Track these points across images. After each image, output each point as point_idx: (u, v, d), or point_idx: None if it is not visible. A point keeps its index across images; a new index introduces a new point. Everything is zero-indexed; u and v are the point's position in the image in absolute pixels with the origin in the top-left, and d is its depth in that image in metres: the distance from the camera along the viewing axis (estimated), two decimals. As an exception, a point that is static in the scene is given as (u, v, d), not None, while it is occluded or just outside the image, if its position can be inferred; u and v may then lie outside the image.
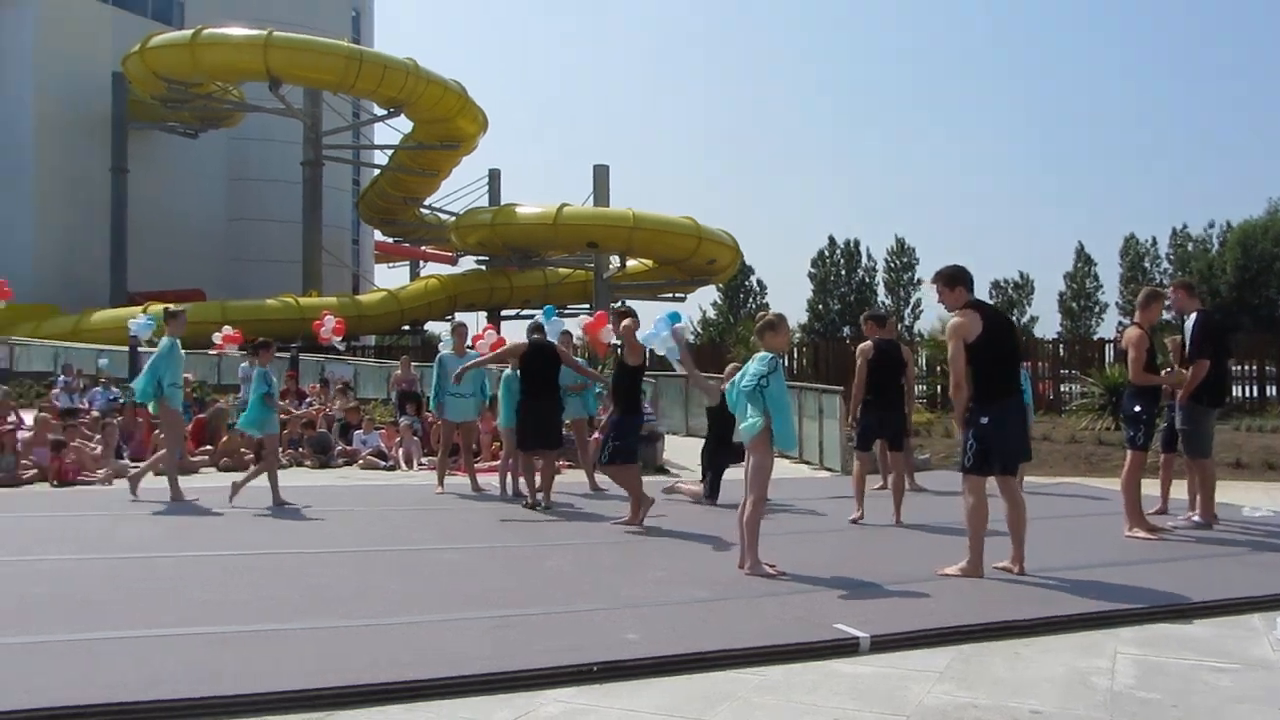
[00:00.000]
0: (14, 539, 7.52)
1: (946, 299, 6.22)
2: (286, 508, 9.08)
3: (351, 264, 45.73)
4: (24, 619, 4.90)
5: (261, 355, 10.17)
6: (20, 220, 36.61)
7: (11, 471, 11.24)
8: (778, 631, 4.73)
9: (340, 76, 33.71)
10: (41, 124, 36.53)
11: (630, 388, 8.49)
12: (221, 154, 41.98)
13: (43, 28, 36.60)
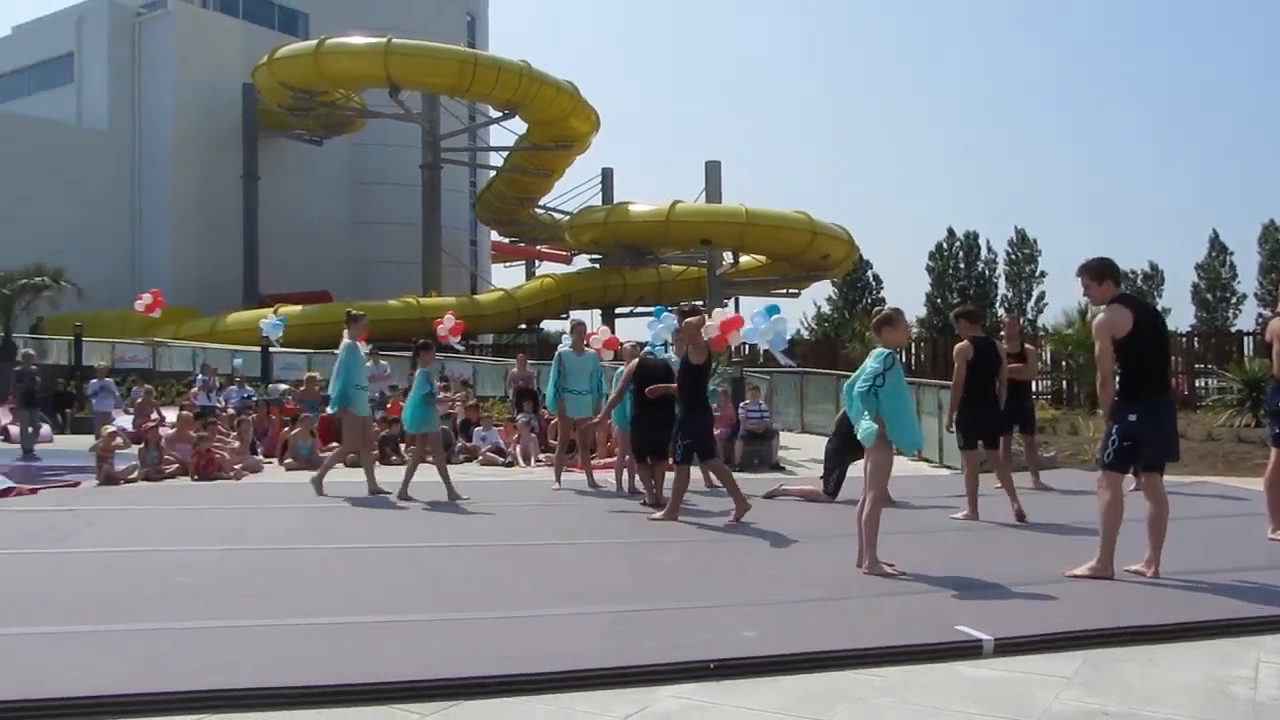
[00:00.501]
0: (159, 530, 7.94)
1: (1093, 293, 5.96)
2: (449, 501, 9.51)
3: (469, 264, 46.70)
4: (168, 606, 5.17)
5: (422, 356, 10.60)
6: (161, 228, 38.61)
7: (155, 466, 11.86)
8: (897, 632, 4.66)
9: (456, 80, 34.47)
10: (179, 136, 38.40)
11: (695, 386, 8.45)
12: (345, 159, 43.37)
13: (180, 45, 38.44)
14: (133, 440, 13.80)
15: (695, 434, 8.28)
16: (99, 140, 38.43)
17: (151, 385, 19.94)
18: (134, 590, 5.55)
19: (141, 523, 8.38)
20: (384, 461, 13.82)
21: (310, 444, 13.51)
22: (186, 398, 18.18)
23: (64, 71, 40.29)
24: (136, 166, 39.08)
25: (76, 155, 37.38)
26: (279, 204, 39.72)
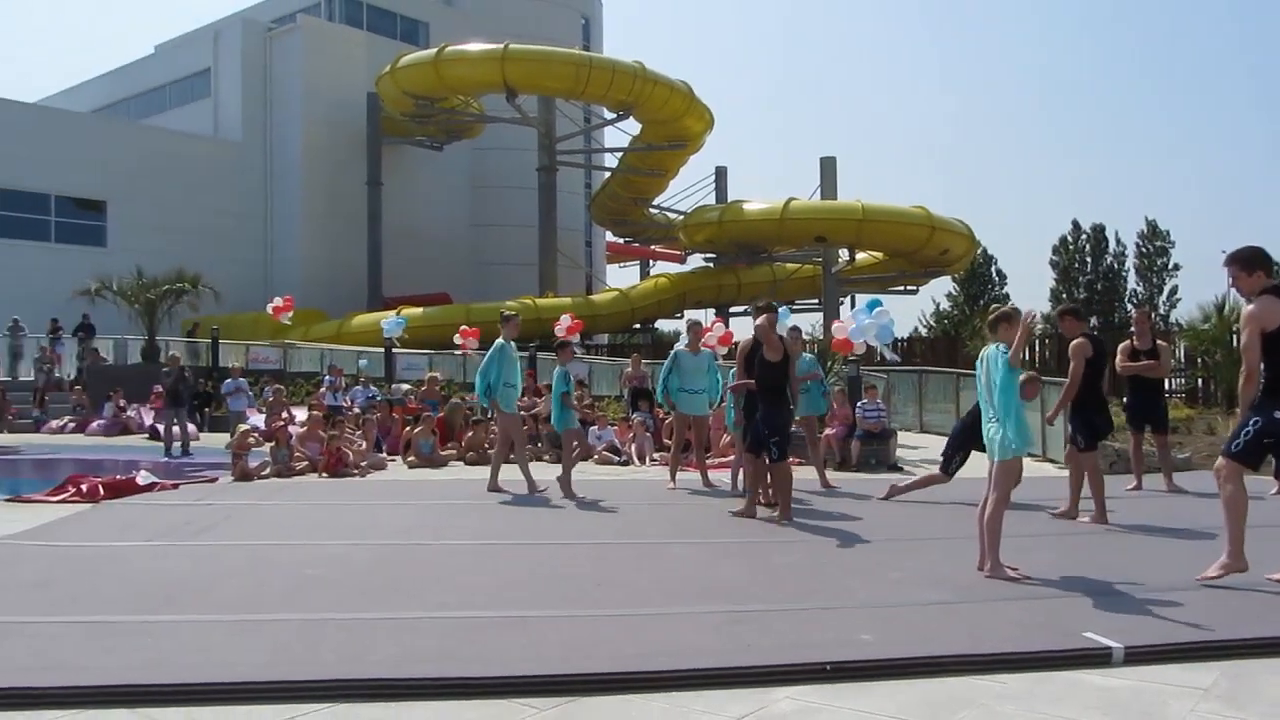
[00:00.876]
0: (290, 525, 8.28)
1: (1243, 284, 5.65)
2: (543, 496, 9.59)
3: (585, 265, 47.21)
4: (300, 598, 5.39)
5: (561, 355, 10.84)
6: (291, 233, 40.18)
7: (286, 463, 12.35)
8: (1020, 638, 4.55)
9: (571, 83, 34.92)
10: (308, 145, 39.89)
11: (773, 383, 8.47)
12: (464, 164, 44.35)
13: (308, 57, 39.92)
14: (264, 439, 14.40)
15: (781, 430, 8.34)
16: (234, 151, 40.21)
17: (282, 385, 20.74)
18: (268, 582, 5.81)
19: (274, 517, 8.75)
20: (502, 460, 14.09)
21: (431, 442, 13.86)
22: (315, 398, 18.85)
23: (202, 86, 42.30)
24: (269, 175, 40.76)
25: (213, 166, 39.21)
26: (401, 209, 40.88)
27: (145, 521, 8.22)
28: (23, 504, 9.60)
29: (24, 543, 7.17)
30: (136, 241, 34.51)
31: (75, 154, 35.94)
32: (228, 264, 35.06)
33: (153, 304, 25.24)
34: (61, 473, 12.07)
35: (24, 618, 4.87)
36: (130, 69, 46.01)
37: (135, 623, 4.79)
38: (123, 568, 6.28)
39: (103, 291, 25.06)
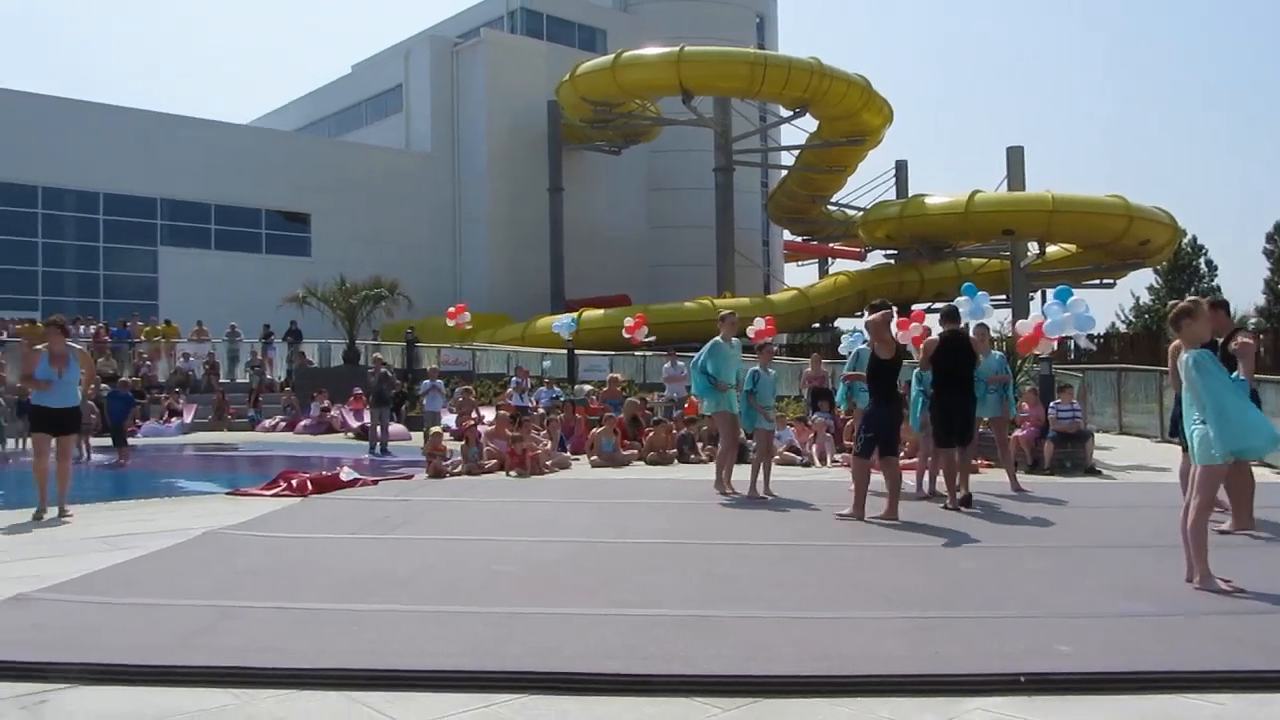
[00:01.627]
0: (481, 521, 8.59)
1: None
2: (754, 498, 9.69)
3: (762, 264, 46.99)
4: (492, 591, 5.59)
5: (761, 356, 10.94)
6: (477, 240, 41.74)
7: (476, 461, 12.83)
8: (1235, 656, 4.25)
9: (746, 83, 34.83)
10: (492, 154, 41.34)
11: (882, 381, 8.54)
12: (642, 167, 44.94)
13: (491, 69, 41.38)
14: (455, 438, 15.01)
15: (878, 428, 8.37)
16: (424, 163, 42.10)
17: (471, 387, 21.55)
18: (462, 576, 6.05)
19: (466, 514, 9.10)
20: (682, 460, 14.20)
21: (614, 442, 14.11)
22: (502, 398, 19.50)
23: (394, 102, 44.49)
24: (456, 184, 42.46)
25: (406, 178, 41.20)
26: (581, 213, 41.80)
27: (348, 516, 8.71)
28: (241, 497, 10.34)
29: (241, 533, 7.72)
30: (337, 251, 36.65)
31: (282, 171, 38.46)
32: (419, 270, 36.74)
33: (353, 310, 26.72)
34: (274, 469, 12.93)
35: (241, 602, 5.24)
36: (329, 89, 48.89)
37: (340, 610, 5.08)
38: (328, 558, 6.67)
39: (308, 299, 26.72)
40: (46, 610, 5.07)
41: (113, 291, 35.83)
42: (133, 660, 4.16)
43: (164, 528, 8.03)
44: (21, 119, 33.28)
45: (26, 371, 8.35)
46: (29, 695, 3.83)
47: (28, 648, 4.33)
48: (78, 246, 35.74)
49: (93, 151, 34.56)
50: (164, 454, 18.52)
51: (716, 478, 10.29)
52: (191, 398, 25.28)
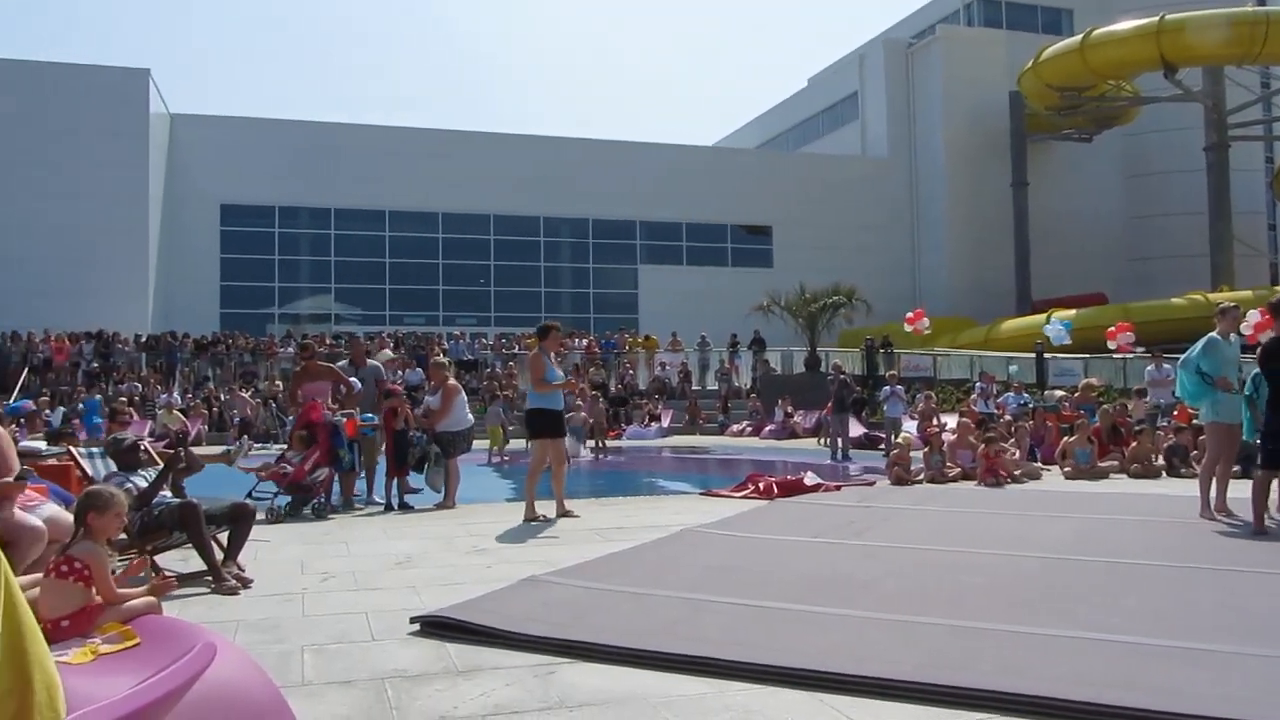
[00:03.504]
0: (945, 531, 8.39)
1: None
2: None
3: (1267, 252, 41.14)
4: (958, 604, 5.44)
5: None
6: (935, 242, 40.84)
7: (939, 469, 12.55)
8: None
9: (1243, 46, 30.75)
10: (950, 152, 40.27)
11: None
12: (1116, 153, 41.35)
13: (947, 65, 40.35)
14: (920, 444, 14.78)
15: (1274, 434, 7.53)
16: (880, 168, 42.05)
17: (932, 392, 21.13)
18: (925, 585, 5.96)
19: (929, 522, 8.94)
20: (1170, 473, 12.88)
21: (1089, 451, 13.12)
22: (966, 404, 18.90)
23: (850, 110, 44.94)
24: (913, 186, 41.92)
25: (861, 184, 41.41)
26: (1047, 207, 39.36)
27: (812, 519, 8.92)
28: (712, 497, 11.00)
29: (713, 531, 8.21)
30: (797, 260, 37.76)
31: (744, 187, 40.38)
32: (876, 276, 36.72)
33: (814, 317, 27.33)
34: (742, 471, 13.60)
35: (713, 596, 5.58)
36: (785, 105, 50.50)
37: (803, 611, 5.22)
38: (792, 560, 6.89)
39: (771, 308, 27.76)
40: (551, 592, 5.76)
41: (600, 307, 39.79)
42: (623, 643, 4.60)
43: (646, 523, 8.77)
44: (535, 158, 38.20)
45: (538, 375, 9.40)
46: (540, 666, 4.38)
47: (538, 624, 4.95)
48: (572, 269, 40.22)
49: (585, 181, 38.72)
50: (645, 455, 20.17)
51: (1201, 498, 9.09)
52: (668, 404, 27.31)
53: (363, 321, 37.00)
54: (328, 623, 5.24)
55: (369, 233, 38.27)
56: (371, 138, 37.77)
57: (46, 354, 27.91)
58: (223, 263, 36.73)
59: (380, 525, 9.20)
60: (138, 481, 6.49)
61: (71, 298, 31.09)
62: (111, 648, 3.54)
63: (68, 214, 31.85)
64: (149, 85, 33.82)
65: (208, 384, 27.60)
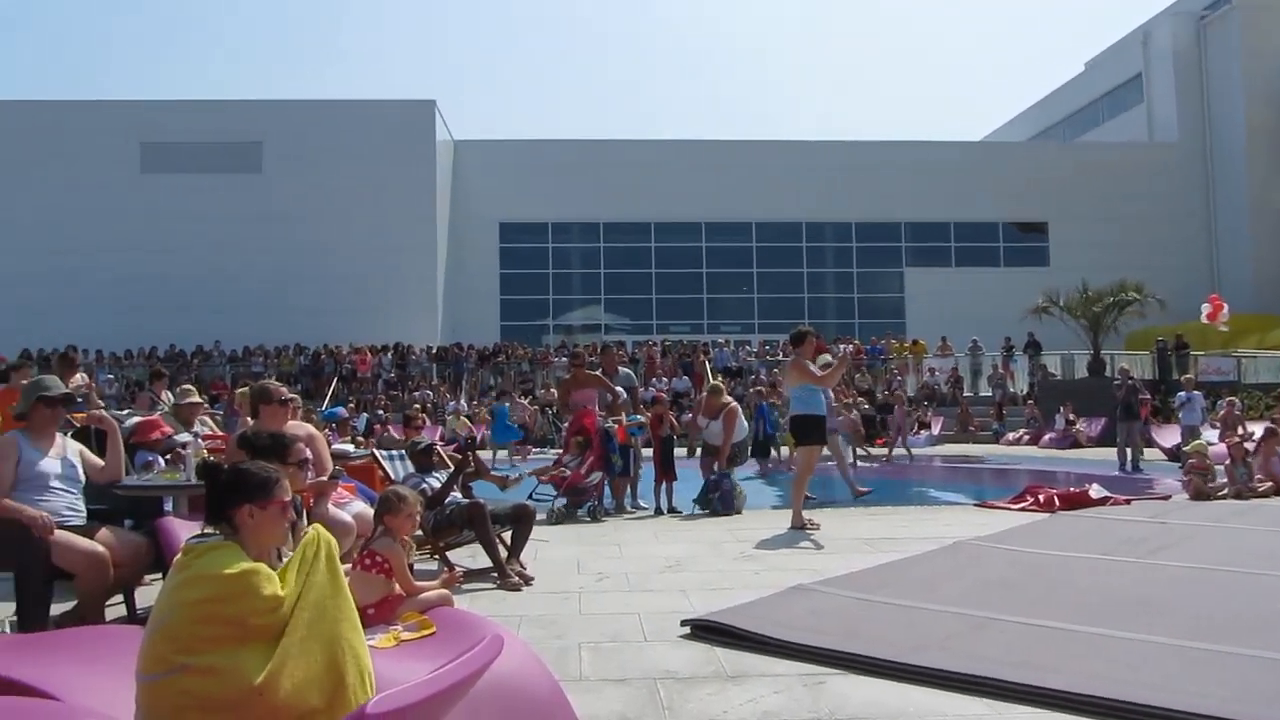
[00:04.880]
0: (1254, 551, 7.61)
1: None
2: None
3: None
4: (1270, 633, 4.93)
5: None
6: (1237, 231, 37.20)
7: (1245, 483, 11.42)
8: None
9: None
10: (1252, 131, 36.57)
11: None
12: None
13: (1246, 35, 36.76)
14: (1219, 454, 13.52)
15: None
16: (1169, 153, 38.81)
17: (1236, 398, 19.27)
18: (1231, 611, 5.44)
19: (1234, 541, 8.14)
20: None
21: None
22: (1277, 411, 17.11)
23: (1133, 94, 41.74)
24: (1209, 172, 38.42)
25: (1147, 172, 38.34)
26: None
27: (1098, 535, 8.36)
28: (987, 509, 10.53)
29: (989, 545, 7.86)
30: (1076, 257, 35.49)
31: (1017, 182, 38.44)
32: (1166, 272, 33.86)
33: (1097, 317, 25.55)
34: (1019, 482, 12.94)
35: (991, 613, 5.34)
36: (1060, 93, 47.56)
37: (1091, 634, 4.90)
38: (1077, 577, 6.48)
39: (1049, 309, 26.20)
40: (820, 601, 5.71)
41: (865, 312, 39.07)
42: (895, 656, 4.50)
43: (918, 534, 8.53)
44: (795, 163, 38.18)
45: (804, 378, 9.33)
46: (809, 675, 4.36)
47: (807, 632, 4.93)
48: (835, 273, 39.75)
49: (847, 184, 38.22)
50: (915, 464, 19.60)
51: None
52: (938, 411, 26.40)
53: (631, 331, 38.17)
54: (603, 621, 5.45)
55: (635, 245, 39.45)
56: (635, 152, 38.91)
57: (352, 365, 30.72)
58: (502, 278, 38.99)
59: (651, 529, 9.45)
60: (431, 483, 7.02)
61: (373, 314, 34.02)
62: (411, 635, 3.85)
63: (368, 238, 34.87)
64: (434, 115, 36.49)
65: (491, 392, 29.39)
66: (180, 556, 2.79)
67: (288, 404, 6.28)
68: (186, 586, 2.68)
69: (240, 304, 33.80)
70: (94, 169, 34.65)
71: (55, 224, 34.27)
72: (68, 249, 34.05)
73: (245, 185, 35.20)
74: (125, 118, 35.22)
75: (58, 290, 33.69)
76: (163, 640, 2.64)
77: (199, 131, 35.30)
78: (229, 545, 2.78)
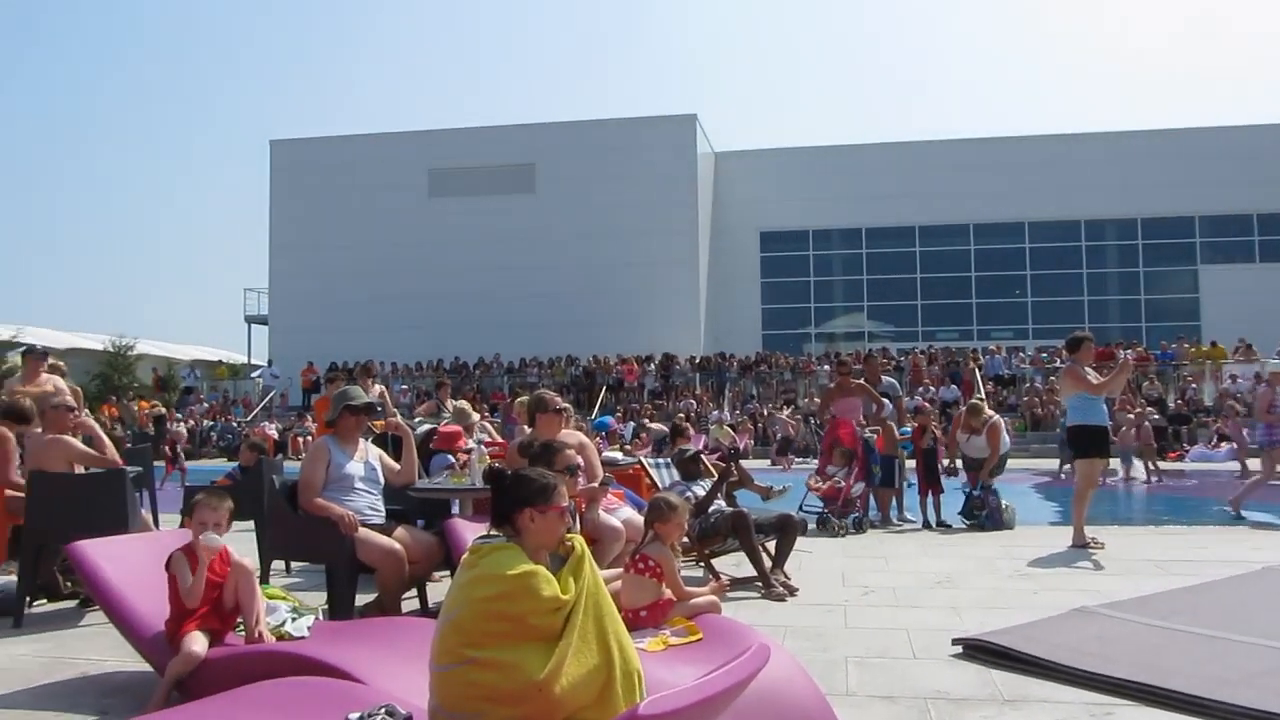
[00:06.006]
0: None
1: None
2: None
3: None
4: None
5: None
6: None
7: None
8: None
9: None
10: None
11: None
12: None
13: None
14: None
15: None
16: None
17: None
18: None
19: None
20: None
21: None
22: None
23: None
24: None
25: None
26: None
27: None
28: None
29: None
30: None
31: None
32: None
33: None
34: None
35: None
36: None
37: None
38: None
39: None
40: (1107, 625, 5.34)
41: (1154, 315, 36.17)
42: (1195, 690, 4.13)
43: (1216, 557, 7.81)
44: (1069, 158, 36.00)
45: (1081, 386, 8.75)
46: (1095, 705, 4.08)
47: (1094, 659, 4.61)
48: (1119, 274, 37.05)
49: (1130, 176, 35.58)
50: (1213, 480, 17.92)
51: None
52: (1243, 421, 24.00)
53: (895, 338, 37.22)
54: (869, 636, 5.35)
55: (898, 249, 38.44)
56: (896, 154, 37.93)
57: (619, 375, 31.76)
58: (763, 287, 39.09)
59: (918, 542, 9.18)
60: (696, 490, 7.14)
61: (638, 325, 35.05)
62: (680, 640, 3.94)
63: (634, 251, 35.97)
64: (696, 129, 37.14)
65: (753, 401, 29.52)
66: (467, 555, 2.99)
67: (561, 413, 6.59)
68: (474, 584, 2.87)
69: (516, 319, 35.75)
70: (388, 196, 37.80)
71: (357, 248, 37.65)
72: (368, 271, 37.31)
73: (520, 206, 37.24)
74: (416, 147, 38.19)
75: (360, 309, 36.97)
76: (453, 633, 2.83)
77: (479, 156, 37.72)
78: (511, 547, 2.94)
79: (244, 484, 8.43)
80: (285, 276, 38.67)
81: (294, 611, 4.44)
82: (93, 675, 4.73)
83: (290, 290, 38.39)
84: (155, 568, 4.23)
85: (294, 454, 23.22)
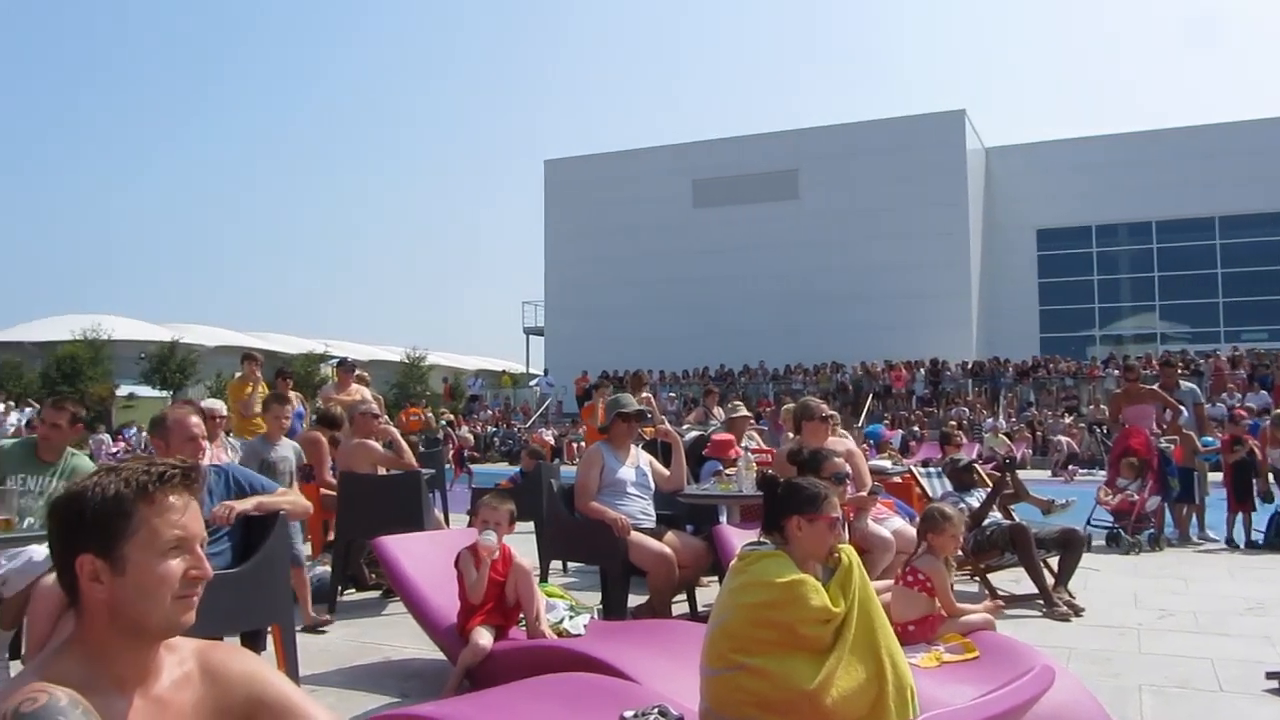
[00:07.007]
0: None
1: None
2: None
3: None
4: None
5: None
6: None
7: None
8: None
9: None
10: None
11: None
12: None
13: None
14: None
15: None
16: None
17: None
18: None
19: None
20: None
21: None
22: None
23: None
24: None
25: None
26: None
27: None
28: None
29: None
30: None
31: None
32: None
33: None
34: None
35: None
36: None
37: None
38: None
39: None
40: None
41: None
42: None
43: None
44: None
45: None
46: None
47: None
48: None
49: None
50: None
51: None
52: None
53: (1191, 340, 34.13)
54: (1167, 663, 4.94)
55: (1196, 243, 35.24)
56: (1191, 139, 34.74)
57: (886, 382, 31.01)
58: (1040, 287, 36.98)
59: (1223, 564, 8.38)
60: (970, 502, 6.86)
61: (906, 329, 34.04)
62: (954, 657, 3.81)
63: (899, 253, 35.02)
64: (964, 124, 35.67)
65: (1030, 409, 27.97)
66: (736, 561, 3.03)
67: (828, 420, 6.52)
68: (743, 590, 2.91)
69: (780, 325, 35.68)
70: (653, 209, 38.78)
71: (624, 261, 38.86)
72: (635, 281, 38.45)
73: (783, 213, 37.15)
74: (679, 159, 38.99)
75: (628, 319, 38.14)
76: (723, 638, 2.88)
77: (742, 165, 37.99)
78: (779, 554, 2.96)
79: (524, 487, 8.92)
80: (559, 289, 40.53)
81: (571, 610, 4.65)
82: (394, 660, 5.16)
83: (563, 302, 40.20)
84: (447, 564, 4.55)
85: (569, 459, 24.28)
